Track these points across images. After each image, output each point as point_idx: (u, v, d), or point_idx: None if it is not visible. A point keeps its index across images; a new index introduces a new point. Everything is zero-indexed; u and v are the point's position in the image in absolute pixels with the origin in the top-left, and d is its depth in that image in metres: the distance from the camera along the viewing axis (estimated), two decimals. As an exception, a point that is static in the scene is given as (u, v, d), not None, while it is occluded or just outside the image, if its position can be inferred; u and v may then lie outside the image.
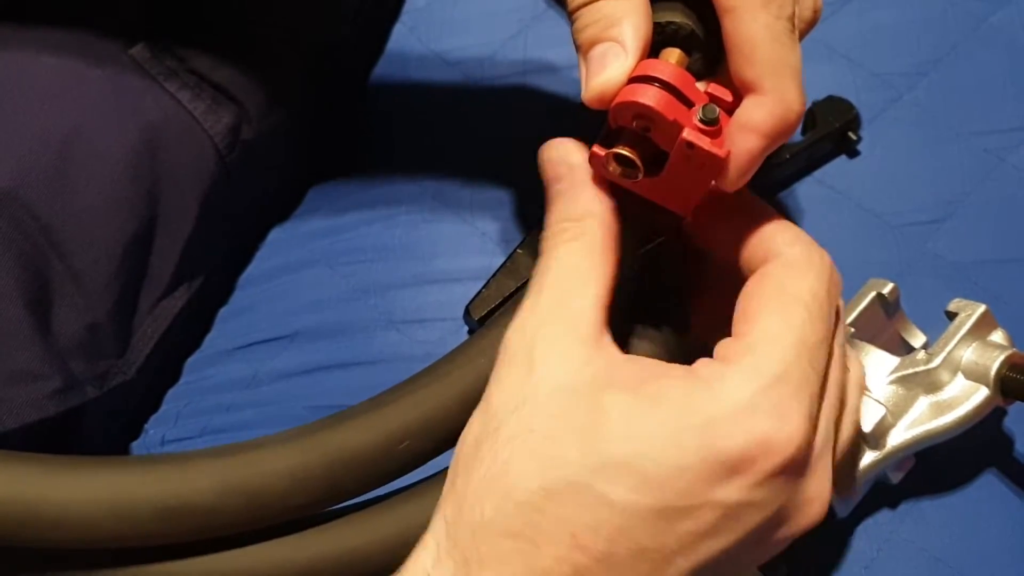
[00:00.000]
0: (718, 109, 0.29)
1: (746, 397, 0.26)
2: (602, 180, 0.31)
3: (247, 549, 0.34)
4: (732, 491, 0.26)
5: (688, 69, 0.31)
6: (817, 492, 0.28)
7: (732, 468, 0.26)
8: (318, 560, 0.34)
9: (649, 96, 0.29)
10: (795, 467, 0.27)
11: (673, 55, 0.31)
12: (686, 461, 0.26)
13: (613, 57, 0.30)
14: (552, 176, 0.32)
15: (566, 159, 0.32)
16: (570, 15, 0.32)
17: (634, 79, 0.30)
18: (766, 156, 0.30)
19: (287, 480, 0.33)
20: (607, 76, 0.30)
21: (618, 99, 0.30)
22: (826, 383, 0.29)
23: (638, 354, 0.31)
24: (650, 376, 0.28)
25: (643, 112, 0.29)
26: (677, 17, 0.31)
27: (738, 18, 0.29)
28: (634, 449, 0.26)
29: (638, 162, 0.30)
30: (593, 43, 0.31)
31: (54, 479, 0.32)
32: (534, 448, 0.27)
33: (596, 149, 0.31)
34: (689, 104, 0.29)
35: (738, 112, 0.30)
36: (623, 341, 0.32)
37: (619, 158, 0.30)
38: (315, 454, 0.33)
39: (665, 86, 0.29)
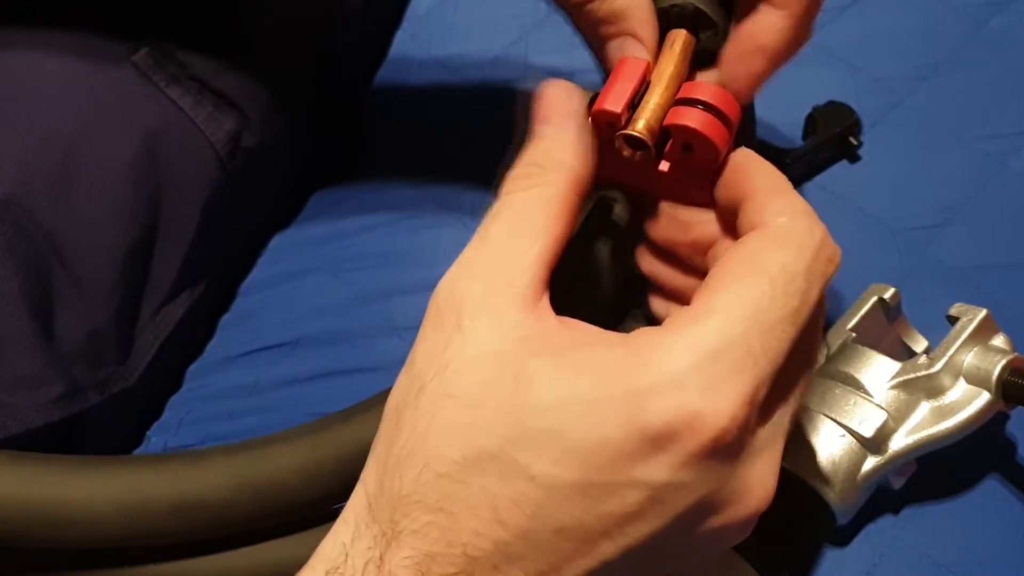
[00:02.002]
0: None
1: (676, 369, 0.24)
2: (589, 138, 0.30)
3: (260, 546, 0.34)
4: (657, 469, 0.24)
5: (700, 47, 0.31)
6: (758, 481, 0.26)
7: (656, 444, 0.24)
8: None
9: (709, 129, 0.29)
10: (726, 449, 0.25)
11: (679, 36, 0.31)
12: (608, 434, 0.24)
13: (631, 49, 0.31)
14: (542, 115, 0.30)
15: (564, 103, 0.30)
16: (573, 13, 0.32)
17: (680, 101, 0.30)
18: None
19: (299, 476, 0.33)
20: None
21: (685, 123, 0.29)
22: (788, 368, 0.26)
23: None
24: (581, 342, 0.26)
25: (698, 139, 0.29)
26: (669, 1, 0.32)
27: None
28: (556, 420, 0.24)
29: (652, 148, 0.30)
30: (607, 39, 0.31)
31: (67, 478, 0.32)
32: (455, 416, 0.25)
33: (620, 110, 0.30)
34: (728, 123, 0.30)
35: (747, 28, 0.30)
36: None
37: (631, 139, 0.30)
38: (327, 449, 0.33)
39: (710, 108, 0.29)
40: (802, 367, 0.28)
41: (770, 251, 0.27)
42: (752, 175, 0.29)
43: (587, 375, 0.25)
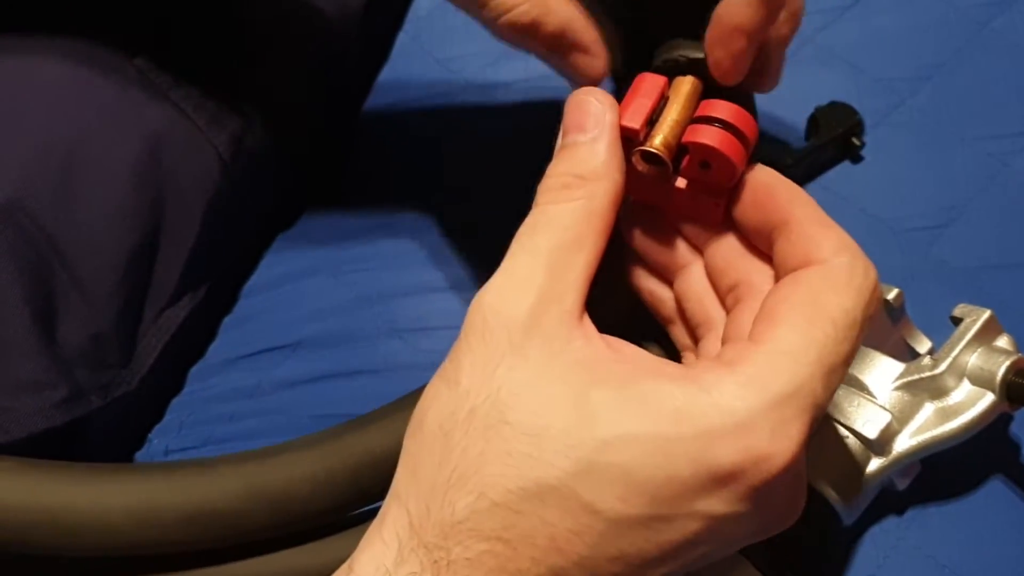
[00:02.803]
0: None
1: (747, 411, 0.25)
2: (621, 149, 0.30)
3: (271, 556, 0.34)
4: (719, 502, 0.25)
5: (705, 90, 0.32)
6: (797, 498, 0.28)
7: (720, 480, 0.25)
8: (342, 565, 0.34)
9: (726, 148, 0.30)
10: (784, 483, 0.26)
11: (686, 83, 0.32)
12: (676, 472, 0.25)
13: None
14: (574, 123, 0.30)
15: (600, 112, 0.30)
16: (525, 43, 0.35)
17: (698, 119, 0.30)
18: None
19: (311, 484, 0.33)
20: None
21: (700, 140, 0.30)
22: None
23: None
24: (641, 373, 0.26)
25: (714, 157, 0.30)
26: (675, 52, 0.33)
27: None
28: (622, 457, 0.25)
29: (670, 165, 0.30)
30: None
31: (78, 486, 0.32)
32: (513, 445, 0.25)
33: (638, 126, 0.30)
34: (745, 141, 0.30)
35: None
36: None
37: (648, 155, 0.30)
38: (339, 458, 0.33)
39: (729, 127, 0.30)
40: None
41: (833, 294, 0.27)
42: (788, 200, 0.30)
43: (653, 411, 0.25)
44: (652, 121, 0.31)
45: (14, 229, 0.40)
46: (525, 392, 0.26)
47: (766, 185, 0.30)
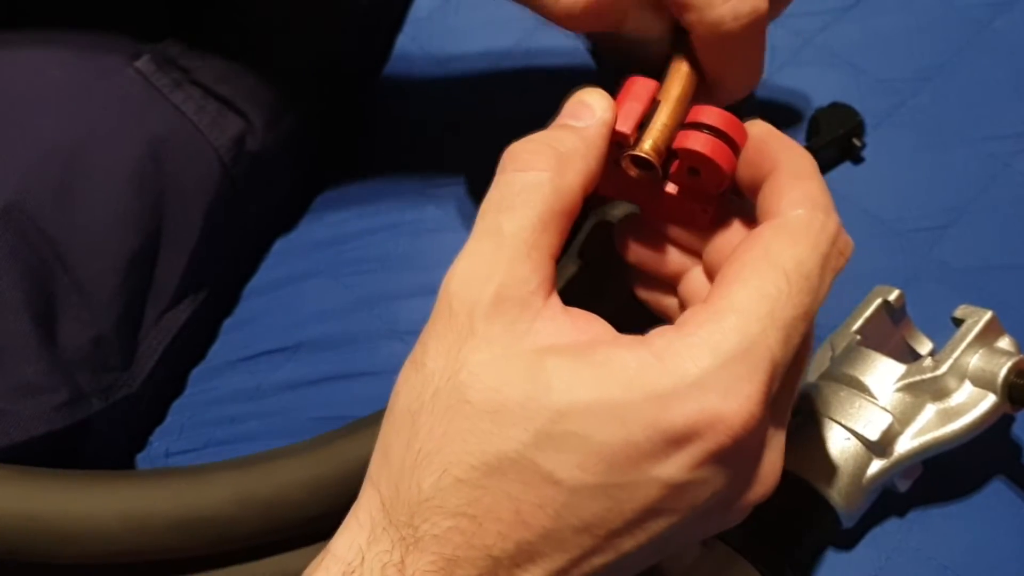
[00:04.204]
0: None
1: (698, 373, 0.25)
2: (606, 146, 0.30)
3: (264, 561, 0.34)
4: (676, 468, 0.25)
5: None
6: (769, 470, 0.27)
7: (677, 444, 0.25)
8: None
9: (714, 153, 0.29)
10: (744, 447, 0.25)
11: (677, 87, 0.32)
12: (632, 437, 0.24)
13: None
14: (569, 112, 0.30)
15: (598, 107, 0.30)
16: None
17: (687, 125, 0.30)
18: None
19: (303, 491, 0.33)
20: None
21: (692, 147, 0.30)
22: (795, 361, 0.27)
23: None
24: (597, 342, 0.26)
25: (703, 162, 0.30)
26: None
27: None
28: (578, 424, 0.25)
29: (659, 169, 0.30)
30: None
31: (71, 493, 0.32)
32: (473, 422, 0.25)
33: (626, 128, 0.30)
34: (735, 147, 0.30)
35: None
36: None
37: (639, 160, 0.30)
38: (331, 464, 0.33)
39: (716, 133, 0.30)
40: (803, 357, 0.28)
41: (785, 246, 0.27)
42: (774, 153, 0.29)
43: (608, 378, 0.25)
44: (643, 125, 0.30)
45: (15, 232, 0.40)
46: (485, 372, 0.26)
47: (759, 140, 0.30)
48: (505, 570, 0.25)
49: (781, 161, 0.29)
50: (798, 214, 0.27)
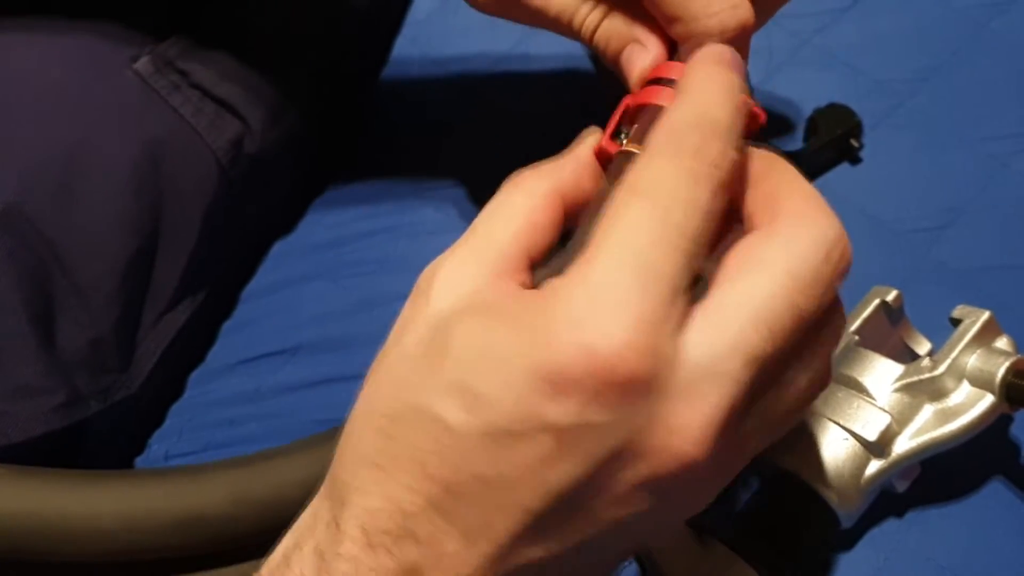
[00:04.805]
0: None
1: (571, 308, 0.24)
2: (596, 168, 0.31)
3: (262, 560, 0.34)
4: (562, 410, 0.23)
5: None
6: (682, 421, 0.24)
7: (557, 384, 0.23)
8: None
9: (668, 99, 0.29)
10: (630, 380, 0.23)
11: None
12: (512, 377, 0.24)
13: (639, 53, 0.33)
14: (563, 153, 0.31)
15: (581, 139, 0.31)
16: (588, 43, 0.35)
17: (652, 81, 0.30)
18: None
19: (301, 490, 0.33)
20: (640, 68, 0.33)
21: (636, 100, 0.30)
22: (721, 297, 0.25)
23: None
24: (514, 297, 0.26)
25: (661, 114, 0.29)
26: None
27: None
28: (467, 368, 0.24)
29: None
30: (618, 52, 0.34)
31: (68, 493, 0.32)
32: (392, 373, 0.26)
33: (605, 144, 0.30)
34: None
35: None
36: None
37: (629, 156, 0.30)
38: (327, 463, 0.33)
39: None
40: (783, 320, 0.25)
41: (779, 250, 0.26)
42: (763, 164, 0.29)
43: (499, 322, 0.25)
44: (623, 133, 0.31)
45: (12, 234, 0.40)
46: (419, 329, 0.26)
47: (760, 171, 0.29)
48: (421, 529, 0.24)
49: (768, 168, 0.29)
50: (794, 221, 0.27)
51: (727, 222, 0.30)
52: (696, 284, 0.26)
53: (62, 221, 0.42)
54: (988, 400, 0.36)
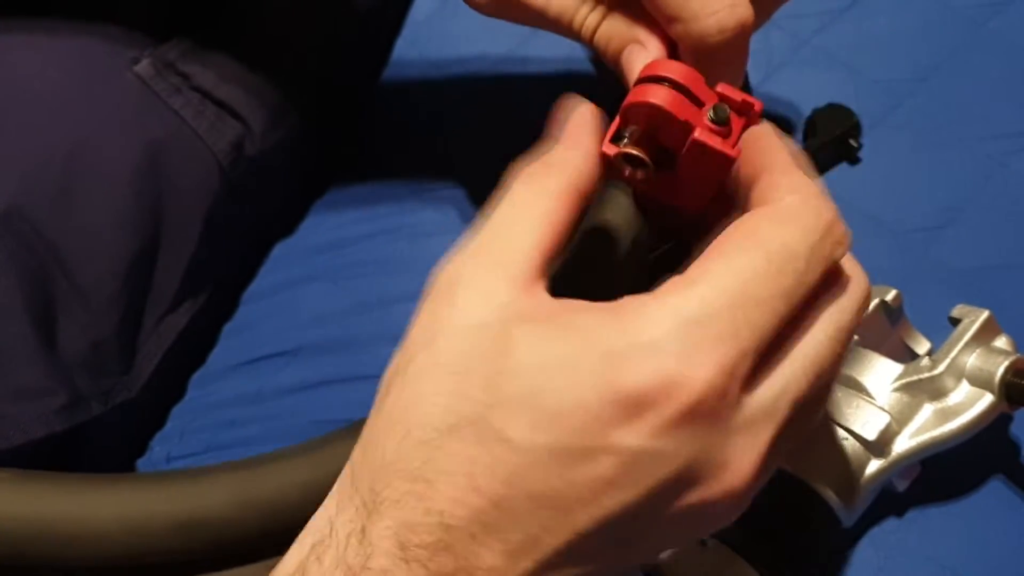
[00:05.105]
0: (729, 109, 0.29)
1: (655, 333, 0.24)
2: (599, 157, 0.31)
3: (263, 564, 0.34)
4: (631, 435, 0.24)
5: None
6: (736, 457, 0.25)
7: (631, 410, 0.24)
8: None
9: (659, 96, 0.29)
10: (703, 417, 0.24)
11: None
12: (583, 397, 0.24)
13: (639, 53, 0.33)
14: (558, 121, 0.30)
15: (578, 113, 0.30)
16: (588, 44, 0.35)
17: (645, 79, 0.30)
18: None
19: (302, 493, 0.33)
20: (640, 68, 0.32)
21: (629, 99, 0.30)
22: (782, 347, 0.26)
23: None
24: (568, 309, 0.26)
25: (654, 112, 0.29)
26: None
27: None
28: (533, 383, 0.24)
29: (647, 160, 0.30)
30: (618, 53, 0.34)
31: (70, 496, 0.32)
32: (438, 384, 0.25)
33: (606, 148, 0.30)
34: (699, 103, 0.30)
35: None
36: None
37: (628, 157, 0.30)
38: (330, 466, 0.33)
39: (675, 86, 0.29)
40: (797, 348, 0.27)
41: (773, 227, 0.26)
42: (768, 150, 0.29)
43: (566, 338, 0.25)
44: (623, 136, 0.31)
45: (14, 236, 0.40)
46: (456, 336, 0.25)
47: (755, 139, 0.30)
48: (461, 543, 0.24)
49: (775, 155, 0.29)
50: (791, 200, 0.27)
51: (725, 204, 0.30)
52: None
53: (63, 223, 0.42)
54: (987, 399, 0.36)
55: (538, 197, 0.28)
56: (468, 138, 0.54)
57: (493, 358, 0.25)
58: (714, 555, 0.35)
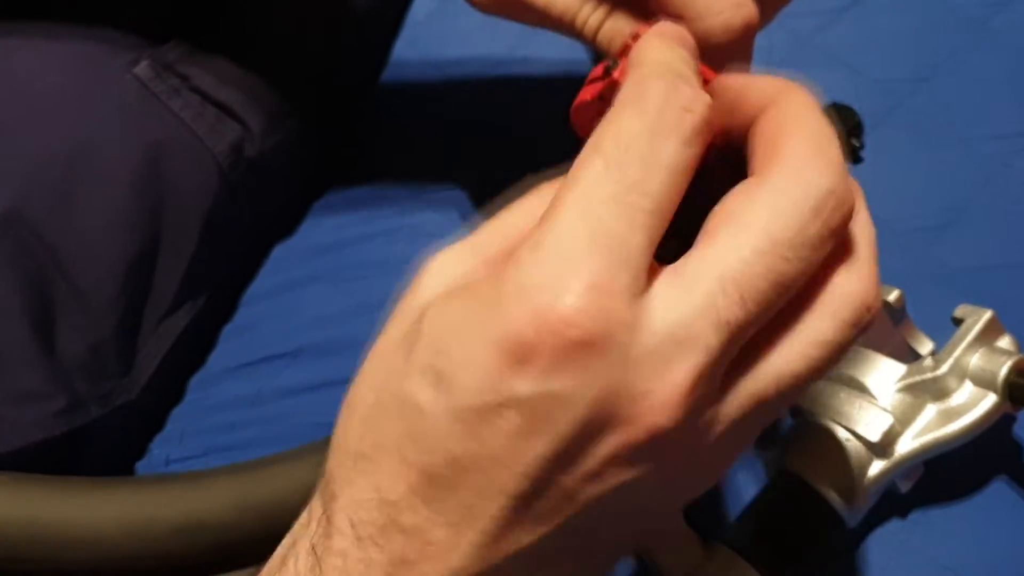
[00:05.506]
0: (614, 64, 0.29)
1: (527, 274, 0.23)
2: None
3: (262, 567, 0.34)
4: (526, 382, 0.22)
5: None
6: (647, 391, 0.23)
7: (515, 354, 0.22)
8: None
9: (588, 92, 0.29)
10: (589, 350, 0.22)
11: None
12: (473, 351, 0.23)
13: None
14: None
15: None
16: (591, 43, 0.35)
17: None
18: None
19: (302, 496, 0.33)
20: None
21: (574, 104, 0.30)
22: (684, 267, 0.24)
23: None
24: (487, 274, 0.25)
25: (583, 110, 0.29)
26: None
27: None
28: (437, 346, 0.23)
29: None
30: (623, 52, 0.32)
31: (69, 499, 0.32)
32: (376, 361, 0.25)
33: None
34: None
35: None
36: None
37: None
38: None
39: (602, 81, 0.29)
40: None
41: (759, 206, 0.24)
42: (756, 96, 0.27)
43: (464, 300, 0.24)
44: None
45: (14, 239, 0.40)
46: (406, 317, 0.25)
47: (733, 87, 0.28)
48: (406, 518, 0.23)
49: (775, 101, 0.27)
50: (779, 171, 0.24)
51: (734, 170, 0.28)
52: (676, 241, 0.25)
53: (62, 226, 0.42)
54: (991, 400, 0.36)
55: (537, 200, 0.27)
56: (468, 139, 0.54)
57: (414, 331, 0.24)
58: (716, 556, 0.35)
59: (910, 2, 0.55)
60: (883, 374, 0.37)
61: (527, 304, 0.22)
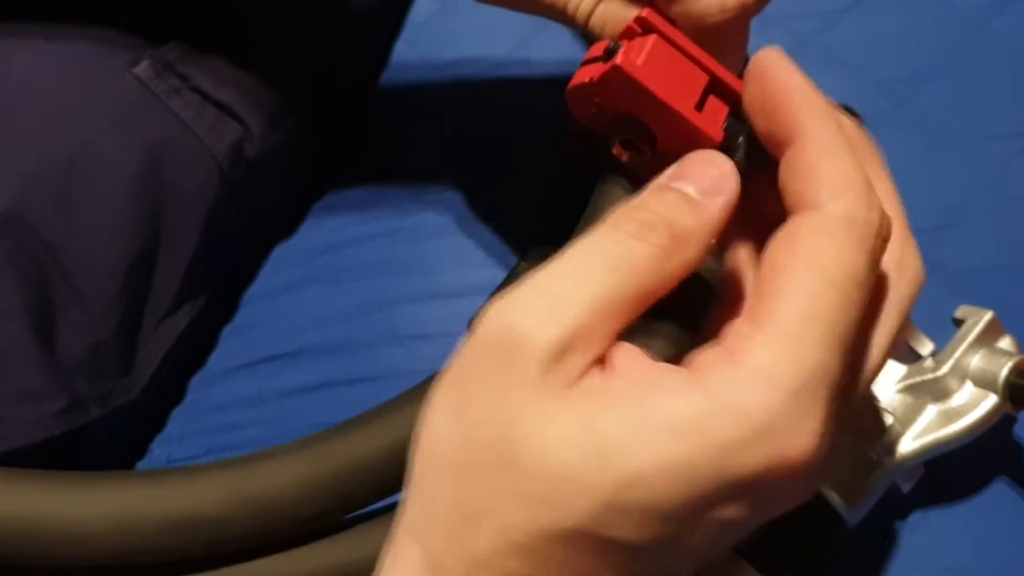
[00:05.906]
0: (618, 44, 0.29)
1: (762, 413, 0.23)
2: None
3: (257, 562, 0.34)
4: (738, 509, 0.24)
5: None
6: (814, 483, 0.26)
7: (742, 490, 0.24)
8: (329, 571, 0.34)
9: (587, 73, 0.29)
10: (804, 475, 0.24)
11: None
12: (695, 492, 0.23)
13: None
14: (694, 173, 0.27)
15: (726, 177, 0.27)
16: (583, 28, 0.34)
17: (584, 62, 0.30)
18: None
19: (295, 490, 0.33)
20: None
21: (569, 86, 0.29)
22: (856, 368, 0.26)
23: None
24: (642, 390, 0.24)
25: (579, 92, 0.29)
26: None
27: None
28: (640, 492, 0.23)
29: (638, 142, 0.29)
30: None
31: (61, 494, 0.32)
32: (526, 486, 0.24)
33: (616, 151, 0.30)
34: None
35: None
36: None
37: (625, 143, 0.30)
38: (323, 464, 0.33)
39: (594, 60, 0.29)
40: (861, 361, 0.27)
41: (830, 252, 0.25)
42: (799, 110, 0.27)
43: (667, 437, 0.23)
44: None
45: (13, 240, 0.40)
46: (537, 429, 0.24)
47: (778, 85, 0.28)
48: None
49: (806, 125, 0.27)
50: (839, 209, 0.25)
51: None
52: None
53: (62, 226, 0.42)
54: (991, 400, 0.36)
55: (647, 274, 0.25)
56: (468, 140, 0.54)
57: (587, 464, 0.23)
58: (716, 556, 0.35)
59: (910, 3, 0.55)
60: (884, 374, 0.37)
61: (770, 450, 0.23)
